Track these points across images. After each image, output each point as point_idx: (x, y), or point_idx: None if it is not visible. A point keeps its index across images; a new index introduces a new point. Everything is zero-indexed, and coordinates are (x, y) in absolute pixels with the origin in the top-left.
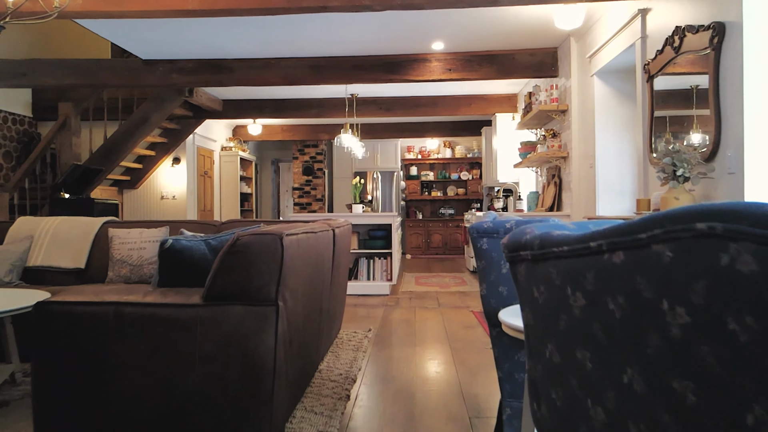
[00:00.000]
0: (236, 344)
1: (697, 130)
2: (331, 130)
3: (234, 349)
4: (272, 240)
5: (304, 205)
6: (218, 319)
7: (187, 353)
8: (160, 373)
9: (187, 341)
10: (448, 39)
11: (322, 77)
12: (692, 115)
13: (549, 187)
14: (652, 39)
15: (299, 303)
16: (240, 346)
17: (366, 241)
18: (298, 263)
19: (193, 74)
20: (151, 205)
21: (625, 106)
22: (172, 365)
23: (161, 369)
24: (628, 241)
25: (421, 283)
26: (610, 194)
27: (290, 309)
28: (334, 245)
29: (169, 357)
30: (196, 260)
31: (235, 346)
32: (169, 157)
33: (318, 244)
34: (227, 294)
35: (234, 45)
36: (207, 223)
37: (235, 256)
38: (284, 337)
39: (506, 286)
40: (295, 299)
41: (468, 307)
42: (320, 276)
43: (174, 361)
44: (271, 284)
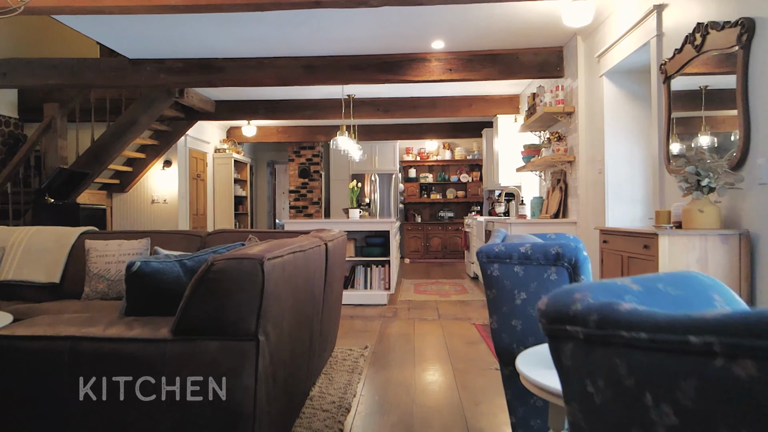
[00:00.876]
0: (210, 385)
1: (719, 133)
2: (328, 131)
3: (207, 391)
4: (251, 266)
5: (300, 209)
6: (189, 357)
7: (153, 396)
8: (122, 420)
9: (154, 382)
10: (449, 38)
11: (317, 77)
12: (716, 116)
13: (554, 193)
14: (669, 37)
15: (285, 332)
16: (214, 387)
17: (363, 248)
18: (283, 289)
19: (183, 74)
20: (142, 209)
21: (637, 109)
22: (136, 410)
23: (123, 415)
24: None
25: (420, 291)
26: (620, 201)
27: (274, 342)
28: (326, 261)
29: (132, 401)
30: (169, 284)
31: (209, 388)
32: (160, 159)
33: (308, 263)
34: (200, 327)
35: (225, 44)
36: (191, 233)
37: (209, 285)
38: (266, 374)
39: (521, 319)
40: (280, 329)
41: (469, 318)
42: (310, 298)
43: (138, 405)
44: (250, 316)
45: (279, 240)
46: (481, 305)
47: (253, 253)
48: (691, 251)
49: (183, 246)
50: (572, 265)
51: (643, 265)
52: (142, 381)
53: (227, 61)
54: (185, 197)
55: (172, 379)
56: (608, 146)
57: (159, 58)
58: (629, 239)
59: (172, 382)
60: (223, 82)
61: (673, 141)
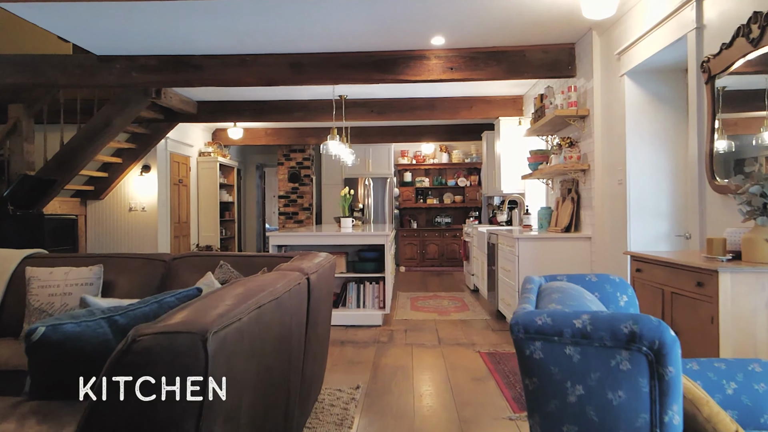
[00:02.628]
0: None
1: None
2: (319, 133)
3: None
4: (190, 344)
5: (290, 215)
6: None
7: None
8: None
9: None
10: (450, 33)
11: (305, 77)
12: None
13: (564, 204)
14: (712, 30)
15: (245, 420)
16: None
17: (355, 264)
18: (241, 362)
19: (156, 72)
20: (118, 217)
21: (663, 113)
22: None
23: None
24: None
25: (418, 308)
26: (643, 216)
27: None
28: (309, 298)
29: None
30: (92, 353)
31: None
32: (138, 164)
33: (283, 313)
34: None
35: (203, 39)
36: (154, 258)
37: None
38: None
39: (576, 425)
40: (236, 421)
41: (473, 344)
42: (286, 353)
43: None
44: (186, 419)
45: (245, 287)
46: (483, 326)
47: (196, 323)
48: (760, 292)
49: (142, 274)
50: (654, 351)
51: (696, 307)
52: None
53: (206, 58)
54: (166, 204)
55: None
56: (630, 154)
57: (130, 55)
58: (675, 272)
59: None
60: (201, 81)
61: (748, 159)
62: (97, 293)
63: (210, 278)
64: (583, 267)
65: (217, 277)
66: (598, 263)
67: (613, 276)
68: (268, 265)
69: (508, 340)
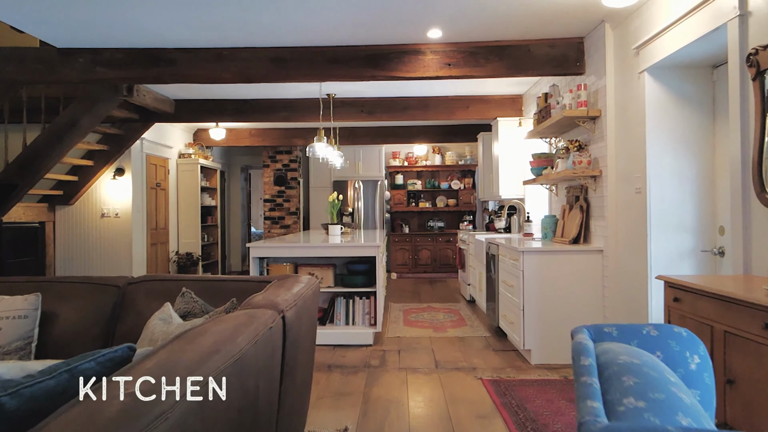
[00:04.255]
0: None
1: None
2: (306, 134)
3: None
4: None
5: (276, 219)
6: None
7: None
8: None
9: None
10: (448, 25)
11: (288, 73)
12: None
13: (572, 213)
14: (760, 18)
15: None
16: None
17: (344, 277)
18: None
19: (124, 68)
20: (89, 224)
21: (688, 114)
22: None
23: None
24: None
25: (411, 322)
26: (665, 229)
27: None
28: (285, 341)
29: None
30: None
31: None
32: (111, 167)
33: (246, 374)
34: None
35: (174, 31)
36: (106, 283)
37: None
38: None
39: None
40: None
41: (474, 369)
42: (252, 420)
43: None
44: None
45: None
46: (483, 345)
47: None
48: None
49: (90, 303)
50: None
51: (763, 355)
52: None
53: (178, 52)
54: (141, 210)
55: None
56: (651, 160)
57: (94, 48)
58: (731, 307)
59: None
60: (173, 77)
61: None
62: (33, 327)
63: (168, 310)
64: (594, 283)
65: (178, 307)
66: (612, 279)
67: (678, 329)
68: (239, 293)
69: (511, 363)
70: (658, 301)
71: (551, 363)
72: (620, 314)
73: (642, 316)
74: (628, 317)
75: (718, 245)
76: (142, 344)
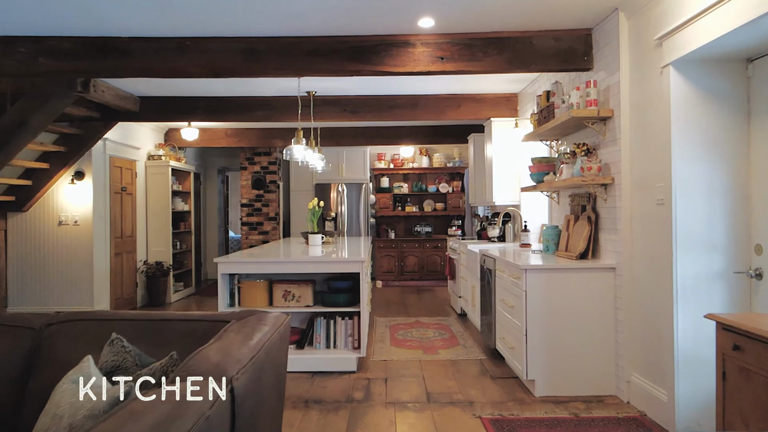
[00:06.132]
0: None
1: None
2: (286, 135)
3: None
4: None
5: (254, 225)
6: None
7: None
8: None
9: None
10: (441, 13)
11: (262, 67)
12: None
13: (578, 224)
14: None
15: None
16: None
17: (324, 295)
18: None
19: (72, 59)
20: (46, 232)
21: (720, 115)
22: None
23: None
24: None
25: (399, 342)
26: (693, 248)
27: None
28: (234, 423)
29: None
30: None
31: None
32: (70, 170)
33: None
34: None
35: (130, 17)
36: (15, 324)
37: None
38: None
39: None
40: None
41: (471, 403)
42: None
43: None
44: None
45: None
46: (479, 370)
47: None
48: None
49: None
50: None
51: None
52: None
53: (135, 41)
54: (104, 216)
55: None
56: (678, 168)
57: (38, 36)
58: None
59: None
60: (130, 70)
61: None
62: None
63: (87, 367)
64: (605, 305)
65: (105, 360)
66: (626, 301)
67: None
68: (186, 337)
69: (513, 395)
70: (686, 332)
71: (558, 395)
72: (637, 342)
73: (665, 348)
74: (646, 347)
75: (754, 266)
76: (45, 417)
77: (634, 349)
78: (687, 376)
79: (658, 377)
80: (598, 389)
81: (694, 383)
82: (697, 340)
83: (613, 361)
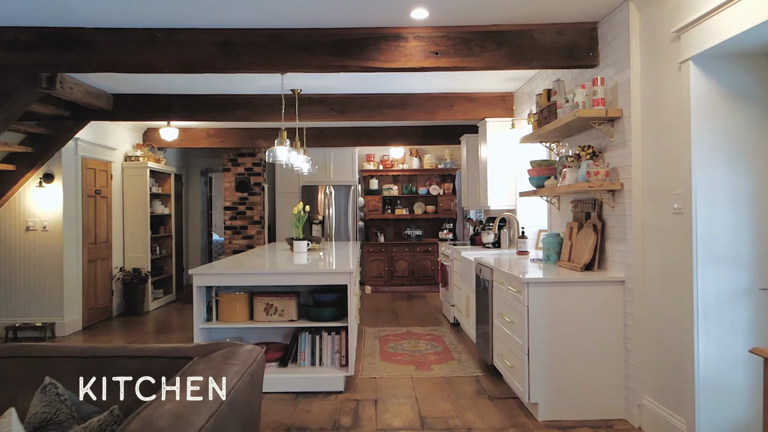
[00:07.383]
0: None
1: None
2: (271, 135)
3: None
4: None
5: (238, 229)
6: None
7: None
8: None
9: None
10: (436, 4)
11: (239, 61)
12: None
13: (582, 232)
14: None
15: None
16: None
17: (309, 309)
18: None
19: (31, 52)
20: (12, 239)
21: (745, 116)
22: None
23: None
24: None
25: (389, 356)
26: (716, 262)
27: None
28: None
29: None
30: None
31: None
32: (38, 172)
33: None
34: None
35: (94, 5)
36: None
37: None
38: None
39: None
40: None
41: (469, 429)
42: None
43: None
44: None
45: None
46: (476, 389)
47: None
48: None
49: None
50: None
51: None
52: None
53: (99, 32)
54: (75, 221)
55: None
56: (698, 173)
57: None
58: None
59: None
60: (93, 64)
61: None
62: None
63: (9, 424)
64: (613, 321)
65: (35, 411)
66: (638, 318)
67: None
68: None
69: (514, 420)
70: (708, 355)
71: (563, 420)
72: (649, 363)
73: (683, 372)
74: (660, 369)
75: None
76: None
77: (646, 370)
78: (710, 405)
79: (674, 403)
80: (606, 413)
81: (719, 413)
82: (720, 366)
83: (623, 383)
